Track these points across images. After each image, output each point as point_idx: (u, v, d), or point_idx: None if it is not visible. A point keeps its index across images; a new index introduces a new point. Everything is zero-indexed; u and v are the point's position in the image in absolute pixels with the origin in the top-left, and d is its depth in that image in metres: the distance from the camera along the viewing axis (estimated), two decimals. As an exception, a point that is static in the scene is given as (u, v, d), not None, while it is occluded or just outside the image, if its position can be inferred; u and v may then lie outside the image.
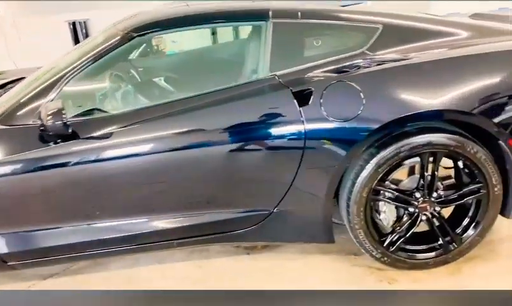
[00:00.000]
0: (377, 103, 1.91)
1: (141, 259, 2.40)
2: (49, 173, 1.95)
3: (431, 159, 1.96)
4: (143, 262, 2.38)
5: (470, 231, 2.08)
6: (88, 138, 1.93)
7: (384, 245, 2.07)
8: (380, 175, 1.95)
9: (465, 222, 2.10)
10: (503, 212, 2.12)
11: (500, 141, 1.93)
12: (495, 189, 1.98)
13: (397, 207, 2.06)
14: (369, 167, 1.93)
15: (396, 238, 2.07)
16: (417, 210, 2.05)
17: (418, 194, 2.03)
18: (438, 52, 2.06)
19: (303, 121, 1.90)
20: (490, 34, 2.23)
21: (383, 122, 1.87)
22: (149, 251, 2.25)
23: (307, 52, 2.09)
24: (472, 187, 2.02)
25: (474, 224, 2.08)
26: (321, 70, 2.00)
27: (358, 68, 1.98)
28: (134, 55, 2.78)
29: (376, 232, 2.08)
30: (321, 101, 1.90)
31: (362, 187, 1.96)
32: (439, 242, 2.08)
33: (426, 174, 1.99)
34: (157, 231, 2.12)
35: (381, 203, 2.06)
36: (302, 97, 1.91)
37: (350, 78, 1.92)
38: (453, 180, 2.08)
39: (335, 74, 1.97)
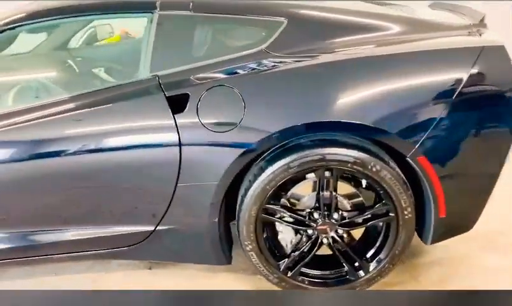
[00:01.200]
0: (261, 111, 1.66)
1: (37, 268, 2.23)
2: None
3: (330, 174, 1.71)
4: (39, 272, 2.22)
5: (381, 257, 1.82)
6: None
7: (281, 269, 1.84)
8: (269, 192, 1.70)
9: (374, 247, 1.84)
10: (421, 237, 1.86)
11: (408, 159, 1.66)
12: (405, 212, 1.71)
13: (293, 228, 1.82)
14: (257, 183, 1.69)
15: (294, 262, 1.84)
16: (316, 232, 1.80)
17: (316, 215, 1.78)
18: (348, 52, 1.76)
19: (177, 130, 1.66)
20: (426, 30, 1.92)
21: (267, 132, 1.63)
22: (43, 263, 2.08)
23: (196, 50, 1.83)
24: (377, 209, 1.75)
25: (383, 250, 1.82)
26: (210, 71, 1.74)
27: (250, 70, 1.72)
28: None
29: (272, 255, 1.85)
30: (198, 107, 1.66)
31: (250, 205, 1.72)
32: (345, 269, 1.84)
33: (322, 193, 1.73)
34: (46, 243, 1.93)
35: (277, 223, 1.82)
36: (177, 103, 1.67)
37: (232, 81, 1.67)
38: (361, 199, 1.82)
39: (221, 77, 1.71)
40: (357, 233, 1.93)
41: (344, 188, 1.82)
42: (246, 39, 1.85)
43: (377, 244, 1.84)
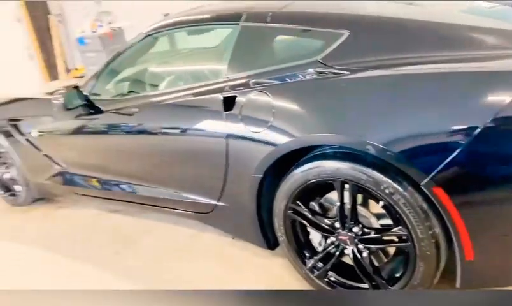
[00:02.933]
0: (286, 118, 1.81)
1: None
2: (85, 136, 2.69)
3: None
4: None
5: (401, 284, 1.74)
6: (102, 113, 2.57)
7: (307, 267, 1.97)
8: (294, 193, 1.86)
9: (395, 270, 1.77)
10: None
11: (422, 187, 1.54)
12: (422, 244, 1.60)
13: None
14: (285, 183, 1.88)
15: (318, 263, 1.94)
16: (338, 241, 1.85)
17: (337, 224, 1.83)
18: (400, 69, 1.68)
19: (226, 126, 1.99)
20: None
21: (287, 139, 1.78)
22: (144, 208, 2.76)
23: (261, 58, 2.07)
24: (393, 233, 1.68)
25: (403, 278, 1.73)
26: (265, 77, 1.97)
27: (293, 79, 1.88)
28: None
29: (302, 251, 1.99)
30: (242, 107, 1.94)
31: (279, 201, 1.93)
32: (366, 285, 1.83)
33: (339, 204, 1.78)
34: (146, 196, 2.61)
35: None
36: (229, 103, 1.99)
37: (270, 88, 1.87)
38: (388, 220, 1.76)
39: (266, 83, 1.93)
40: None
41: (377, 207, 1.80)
42: (306, 49, 1.99)
43: (396, 268, 1.76)
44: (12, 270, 2.68)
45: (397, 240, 1.72)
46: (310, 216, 1.89)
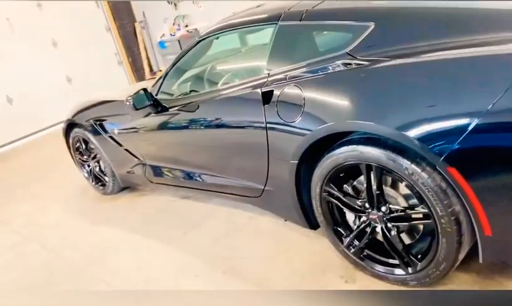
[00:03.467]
0: (314, 110, 1.98)
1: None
2: (155, 131, 3.09)
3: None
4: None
5: (428, 259, 1.84)
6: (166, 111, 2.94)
7: (344, 244, 2.14)
8: (327, 176, 2.04)
9: (423, 248, 1.87)
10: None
11: (438, 167, 1.63)
12: (442, 221, 1.69)
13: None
14: (319, 167, 2.06)
15: (354, 241, 2.10)
16: (368, 220, 1.99)
17: (367, 204, 1.97)
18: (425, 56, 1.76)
19: (265, 118, 2.21)
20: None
21: (316, 128, 1.95)
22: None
23: (297, 53, 2.25)
24: (416, 211, 1.79)
25: (429, 253, 1.83)
26: (299, 71, 2.15)
27: (323, 71, 2.03)
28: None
29: (338, 229, 2.16)
30: (277, 101, 2.14)
31: (315, 184, 2.11)
32: (397, 261, 1.96)
33: (366, 186, 1.91)
34: (206, 182, 2.94)
35: (342, 202, 2.11)
36: (267, 97, 2.20)
37: (301, 82, 2.05)
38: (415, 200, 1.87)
39: (298, 76, 2.10)
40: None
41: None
42: (336, 43, 2.13)
43: (425, 246, 1.86)
44: (100, 249, 3.17)
45: (421, 218, 1.82)
46: (343, 197, 2.05)
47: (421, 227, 1.93)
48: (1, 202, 4.79)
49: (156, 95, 3.04)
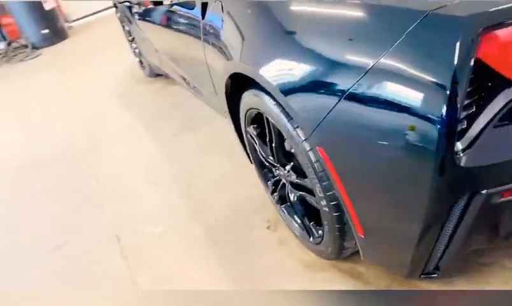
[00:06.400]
0: (227, 39, 1.63)
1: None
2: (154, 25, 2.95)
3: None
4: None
5: (318, 239, 1.57)
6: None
7: (269, 189, 1.91)
8: (246, 116, 1.76)
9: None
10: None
11: (306, 143, 1.26)
12: (322, 203, 1.38)
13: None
14: (241, 104, 1.78)
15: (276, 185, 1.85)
16: (277, 175, 1.73)
17: (271, 158, 1.69)
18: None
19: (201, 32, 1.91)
20: None
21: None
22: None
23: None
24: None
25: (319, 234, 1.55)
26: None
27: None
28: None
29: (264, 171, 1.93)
30: (208, 16, 1.82)
31: (241, 121, 1.85)
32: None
33: (268, 139, 1.62)
34: None
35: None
36: (204, 10, 1.88)
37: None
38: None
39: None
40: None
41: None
42: None
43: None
44: (107, 134, 3.37)
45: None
46: (258, 146, 1.77)
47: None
48: (66, 68, 5.44)
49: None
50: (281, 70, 1.27)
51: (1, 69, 6.43)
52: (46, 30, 6.87)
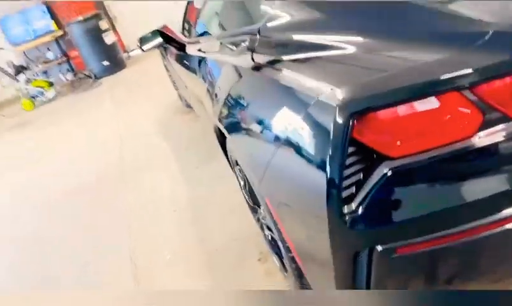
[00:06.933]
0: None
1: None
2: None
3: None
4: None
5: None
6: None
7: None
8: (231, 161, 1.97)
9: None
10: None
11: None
12: (268, 233, 1.55)
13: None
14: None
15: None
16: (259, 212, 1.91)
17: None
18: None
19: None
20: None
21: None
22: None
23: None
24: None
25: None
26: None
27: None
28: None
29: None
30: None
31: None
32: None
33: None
34: None
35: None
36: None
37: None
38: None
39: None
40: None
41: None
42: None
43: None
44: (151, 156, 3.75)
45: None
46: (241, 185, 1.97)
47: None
48: (120, 98, 6.00)
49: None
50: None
51: (65, 99, 7.22)
52: (107, 62, 7.59)
